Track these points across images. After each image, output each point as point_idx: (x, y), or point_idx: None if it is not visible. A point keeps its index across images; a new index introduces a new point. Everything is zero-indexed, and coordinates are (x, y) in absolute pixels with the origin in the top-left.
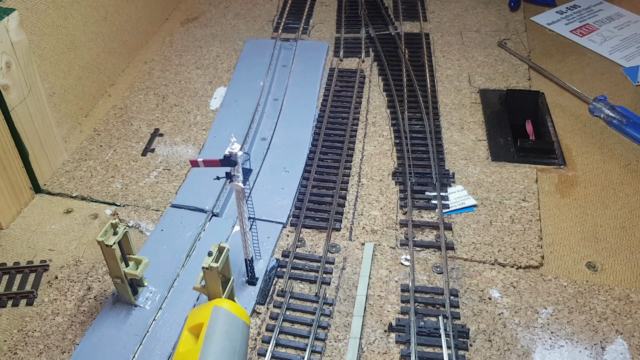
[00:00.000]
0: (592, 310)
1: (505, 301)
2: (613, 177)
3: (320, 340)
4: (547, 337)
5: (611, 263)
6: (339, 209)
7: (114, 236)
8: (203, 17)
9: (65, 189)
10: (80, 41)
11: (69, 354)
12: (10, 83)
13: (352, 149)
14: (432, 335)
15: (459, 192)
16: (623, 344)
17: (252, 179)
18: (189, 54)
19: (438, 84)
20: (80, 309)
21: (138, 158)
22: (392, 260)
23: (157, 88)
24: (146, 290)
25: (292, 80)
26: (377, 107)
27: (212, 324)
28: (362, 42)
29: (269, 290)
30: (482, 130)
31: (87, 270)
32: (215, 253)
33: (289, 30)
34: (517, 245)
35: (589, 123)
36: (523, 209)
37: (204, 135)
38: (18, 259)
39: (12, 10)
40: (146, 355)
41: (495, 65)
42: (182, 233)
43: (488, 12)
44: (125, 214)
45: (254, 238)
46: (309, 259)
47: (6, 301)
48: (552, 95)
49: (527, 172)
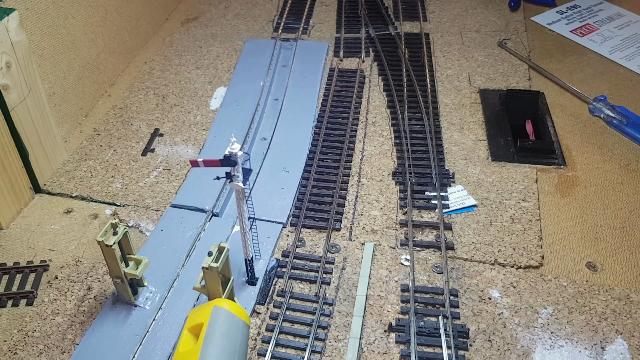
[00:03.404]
0: (592, 310)
1: (505, 301)
2: (613, 177)
3: (320, 340)
4: (547, 337)
5: (611, 263)
6: (339, 209)
7: (114, 236)
8: (203, 17)
9: (65, 189)
10: (80, 41)
11: (69, 354)
12: (10, 83)
13: (352, 149)
14: (432, 335)
15: (459, 192)
16: (623, 344)
17: (252, 179)
18: (189, 54)
19: (438, 84)
20: (80, 309)
21: (138, 158)
22: (392, 260)
23: (157, 88)
24: (146, 290)
25: (292, 80)
26: (377, 107)
27: (212, 324)
28: (362, 42)
29: (269, 290)
30: (482, 130)
31: (87, 270)
32: (215, 253)
33: (289, 30)
34: (517, 245)
35: (589, 123)
36: (523, 209)
37: (204, 135)
38: (18, 259)
39: (12, 10)
40: (146, 355)
41: (495, 65)
42: (182, 233)
43: (488, 12)
44: (125, 214)
45: (254, 238)
46: (309, 259)
47: (6, 301)
48: (552, 95)
49: (527, 172)
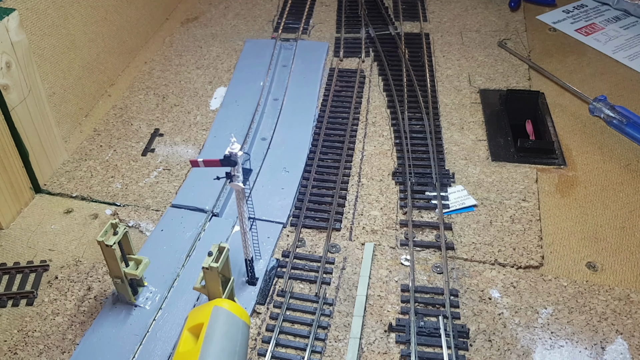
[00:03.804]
0: (592, 310)
1: (505, 301)
2: (613, 177)
3: (320, 340)
4: (547, 337)
5: (611, 263)
6: (339, 209)
7: (114, 236)
8: (203, 17)
9: (65, 189)
10: (80, 41)
11: (69, 354)
12: (10, 83)
13: (352, 149)
14: (432, 335)
15: (459, 192)
16: (623, 344)
17: (252, 179)
18: (189, 54)
19: (438, 84)
20: (80, 309)
21: (138, 158)
22: (392, 260)
23: (157, 88)
24: (146, 290)
25: (292, 80)
26: (377, 107)
27: (212, 324)
28: (362, 42)
29: (269, 290)
30: (482, 130)
31: (87, 270)
32: (215, 253)
33: (289, 30)
34: (517, 245)
35: (589, 123)
36: (523, 209)
37: (204, 135)
38: (18, 259)
39: (12, 10)
40: (146, 355)
41: (495, 65)
42: (182, 233)
43: (488, 12)
44: (125, 214)
45: (254, 238)
46: (309, 259)
47: (6, 301)
48: (552, 95)
49: (527, 172)
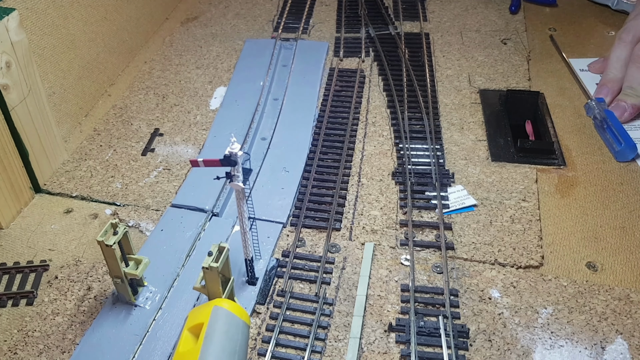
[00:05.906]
0: (592, 310)
1: (505, 301)
2: (613, 177)
3: (320, 340)
4: (547, 337)
5: (611, 263)
6: (339, 209)
7: (114, 236)
8: (203, 16)
9: (65, 188)
10: (80, 41)
11: (69, 354)
12: (10, 83)
13: (352, 149)
14: (432, 335)
15: (459, 192)
16: (623, 344)
17: (252, 179)
18: (189, 53)
19: (438, 84)
20: (80, 309)
21: (138, 158)
22: (392, 260)
23: (157, 88)
24: (146, 290)
25: (292, 80)
26: (377, 107)
27: (212, 324)
28: (362, 42)
29: (269, 290)
30: (482, 130)
31: (87, 270)
32: (215, 253)
33: (289, 30)
34: (517, 245)
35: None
36: (523, 209)
37: (204, 135)
38: (18, 258)
39: (12, 10)
40: (146, 355)
41: (495, 65)
42: (182, 233)
43: (488, 12)
44: (125, 214)
45: (254, 238)
46: (309, 259)
47: (6, 301)
48: (552, 95)
49: (527, 172)
